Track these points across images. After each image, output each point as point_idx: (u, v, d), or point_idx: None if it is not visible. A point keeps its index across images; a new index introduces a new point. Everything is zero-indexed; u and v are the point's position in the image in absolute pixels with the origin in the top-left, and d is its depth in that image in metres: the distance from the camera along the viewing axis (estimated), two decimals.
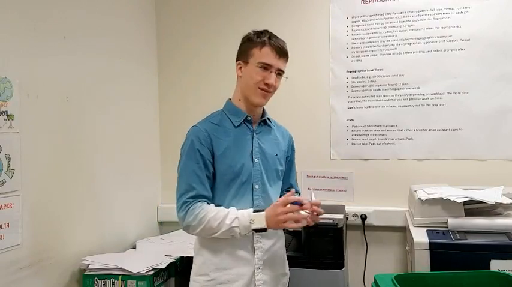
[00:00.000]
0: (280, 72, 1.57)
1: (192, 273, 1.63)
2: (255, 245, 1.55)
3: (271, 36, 1.56)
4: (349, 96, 2.46)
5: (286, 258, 1.71)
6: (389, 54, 2.39)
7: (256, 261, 1.55)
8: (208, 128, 1.56)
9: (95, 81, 2.13)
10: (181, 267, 2.06)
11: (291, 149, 1.76)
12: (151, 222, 2.65)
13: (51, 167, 1.85)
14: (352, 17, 2.44)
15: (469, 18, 2.28)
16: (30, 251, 1.73)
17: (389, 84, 2.40)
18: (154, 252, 2.14)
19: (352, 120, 2.46)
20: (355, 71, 2.45)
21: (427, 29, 2.33)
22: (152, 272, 1.85)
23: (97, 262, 1.90)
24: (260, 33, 1.57)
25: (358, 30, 2.44)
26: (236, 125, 1.59)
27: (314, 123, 2.50)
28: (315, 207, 1.48)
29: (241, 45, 1.61)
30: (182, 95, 2.71)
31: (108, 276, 1.86)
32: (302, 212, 1.45)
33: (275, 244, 1.61)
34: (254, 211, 1.48)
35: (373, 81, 2.42)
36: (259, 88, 1.54)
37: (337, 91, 2.48)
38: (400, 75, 2.38)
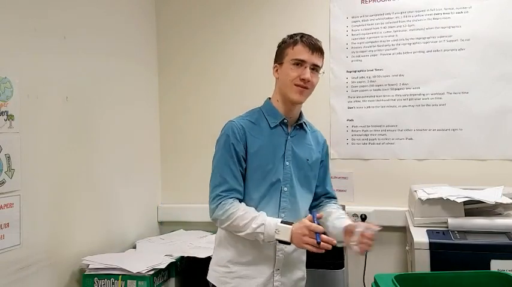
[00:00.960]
0: (316, 68, 1.56)
1: (212, 262, 1.64)
2: (277, 247, 1.56)
3: (303, 35, 1.58)
4: (349, 96, 2.46)
5: (304, 262, 1.70)
6: (389, 54, 2.39)
7: (276, 263, 1.56)
8: (245, 125, 1.57)
9: (95, 81, 2.13)
10: (181, 267, 2.06)
11: (326, 154, 1.75)
12: (151, 222, 2.65)
13: (51, 167, 1.85)
14: (352, 17, 2.44)
15: (469, 18, 2.28)
16: (30, 251, 1.73)
17: (389, 84, 2.40)
18: (154, 252, 2.14)
19: (352, 120, 2.46)
20: (355, 71, 2.45)
21: (427, 29, 2.33)
22: (152, 272, 1.85)
23: (97, 262, 1.91)
24: (293, 35, 1.60)
25: (358, 30, 2.44)
26: (272, 127, 1.59)
27: (314, 123, 2.46)
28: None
29: (276, 50, 1.63)
30: (182, 95, 2.71)
31: (108, 276, 1.86)
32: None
33: (297, 249, 1.59)
34: (282, 222, 1.47)
35: (373, 81, 2.42)
36: (295, 85, 1.54)
37: (337, 91, 2.48)
38: (400, 75, 2.38)
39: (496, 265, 1.67)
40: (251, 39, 2.60)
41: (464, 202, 1.86)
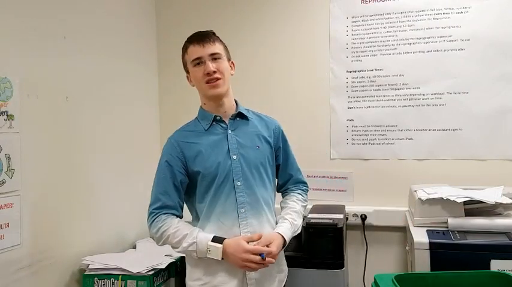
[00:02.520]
0: (216, 55, 1.57)
1: (186, 278, 1.64)
2: None
3: (191, 35, 1.61)
4: (349, 96, 2.46)
5: (283, 254, 1.70)
6: (389, 54, 2.39)
7: None
8: (179, 137, 1.62)
9: (95, 81, 2.13)
10: (181, 267, 2.06)
11: (282, 139, 1.72)
12: None
13: (51, 167, 1.85)
14: (352, 17, 2.44)
15: (469, 18, 2.28)
16: (30, 251, 1.73)
17: (389, 84, 2.39)
18: (154, 252, 2.14)
19: (352, 120, 2.46)
20: (355, 71, 2.45)
21: (427, 29, 2.33)
22: (152, 272, 1.85)
23: (97, 262, 1.90)
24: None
25: (358, 30, 2.43)
26: (206, 128, 1.61)
27: (314, 123, 2.50)
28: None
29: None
30: (182, 95, 2.70)
31: (108, 276, 1.86)
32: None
33: None
34: (214, 239, 1.48)
35: (373, 81, 2.42)
36: (205, 83, 1.56)
37: (337, 91, 2.48)
38: (400, 75, 2.38)
39: (496, 265, 1.67)
40: (251, 39, 2.59)
41: (464, 202, 1.86)
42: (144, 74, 2.61)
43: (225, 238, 1.49)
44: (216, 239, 1.49)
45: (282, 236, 1.55)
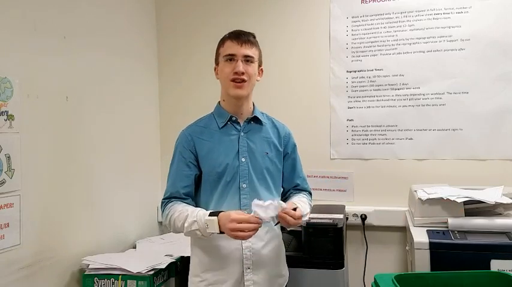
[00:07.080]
0: (249, 59, 1.57)
1: (189, 273, 1.66)
2: (243, 245, 1.55)
3: (233, 31, 1.61)
4: (349, 96, 2.46)
5: (284, 259, 1.70)
6: (389, 54, 2.39)
7: (245, 261, 1.55)
8: (192, 132, 1.63)
9: (95, 81, 2.13)
10: (181, 267, 2.06)
11: (291, 146, 1.72)
12: (151, 222, 2.65)
13: (51, 167, 1.85)
14: (352, 17, 2.44)
15: (469, 18, 2.28)
16: (30, 251, 1.73)
17: (389, 84, 2.40)
18: (154, 252, 2.14)
19: (352, 120, 2.46)
20: (355, 71, 2.45)
21: (427, 29, 2.33)
22: (152, 272, 1.85)
23: (97, 262, 1.91)
24: (225, 34, 1.63)
25: (358, 30, 2.44)
26: (220, 127, 1.61)
27: (314, 123, 2.50)
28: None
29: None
30: (182, 95, 2.71)
31: (108, 276, 1.86)
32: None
33: (267, 245, 1.60)
34: (211, 213, 1.46)
35: (373, 81, 2.42)
36: (231, 80, 1.56)
37: (337, 91, 2.48)
38: (400, 75, 2.38)
39: (496, 265, 1.67)
40: None
41: (464, 202, 1.86)
42: (144, 73, 2.62)
43: (222, 211, 1.47)
44: (213, 213, 1.47)
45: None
